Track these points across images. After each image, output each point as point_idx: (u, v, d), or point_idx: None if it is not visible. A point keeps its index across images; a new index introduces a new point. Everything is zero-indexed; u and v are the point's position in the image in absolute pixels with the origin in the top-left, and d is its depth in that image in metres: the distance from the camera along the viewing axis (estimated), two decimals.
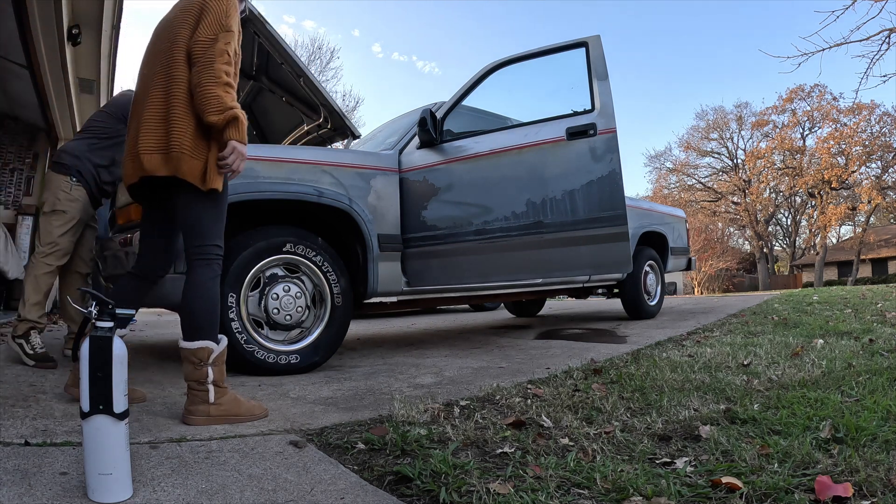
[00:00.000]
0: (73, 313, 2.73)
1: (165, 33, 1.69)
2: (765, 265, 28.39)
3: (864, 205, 25.93)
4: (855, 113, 24.09)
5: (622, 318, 4.86)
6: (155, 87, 1.63)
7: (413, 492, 1.12)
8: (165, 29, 1.71)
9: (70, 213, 2.55)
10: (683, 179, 30.41)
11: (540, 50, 3.05)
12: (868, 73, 7.14)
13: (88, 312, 1.15)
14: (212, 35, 1.61)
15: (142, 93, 1.68)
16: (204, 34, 1.61)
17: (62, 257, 2.55)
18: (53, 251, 2.51)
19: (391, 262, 2.93)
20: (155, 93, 1.63)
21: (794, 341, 2.88)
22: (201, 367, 1.59)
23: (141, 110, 1.65)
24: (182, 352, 1.60)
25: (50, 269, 2.52)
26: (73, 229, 2.58)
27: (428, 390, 2.09)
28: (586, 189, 2.82)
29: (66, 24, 4.37)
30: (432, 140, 3.02)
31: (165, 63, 1.64)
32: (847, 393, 1.72)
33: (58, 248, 2.52)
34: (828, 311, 4.55)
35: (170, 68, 1.62)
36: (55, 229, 2.52)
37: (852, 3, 6.64)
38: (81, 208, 2.60)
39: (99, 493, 1.04)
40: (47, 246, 2.51)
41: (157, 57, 1.68)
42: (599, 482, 1.11)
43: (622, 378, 2.10)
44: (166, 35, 1.68)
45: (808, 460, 1.18)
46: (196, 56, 1.60)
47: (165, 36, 1.69)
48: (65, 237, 2.54)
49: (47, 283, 2.52)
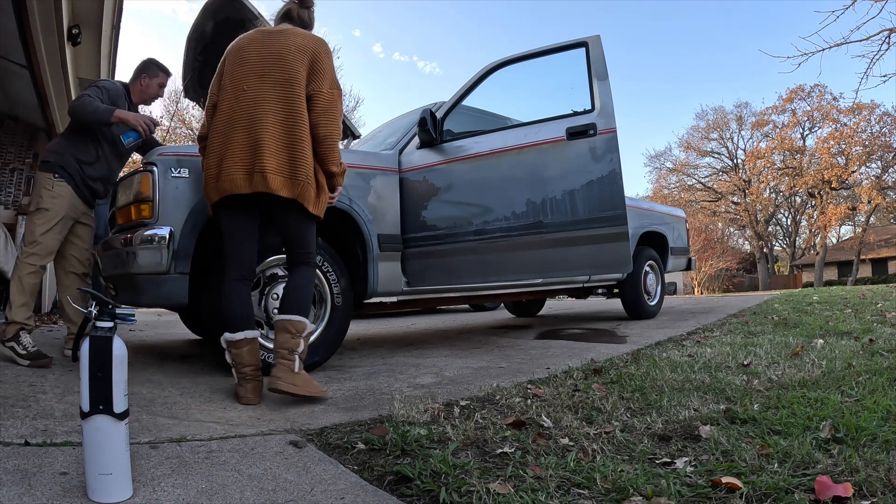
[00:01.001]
0: (72, 314, 2.73)
1: (279, 63, 1.94)
2: (765, 265, 28.38)
3: (864, 205, 25.93)
4: (855, 113, 24.11)
5: (622, 318, 4.86)
6: (272, 112, 1.90)
7: (413, 492, 1.12)
8: (278, 58, 1.95)
9: (53, 210, 2.52)
10: (683, 179, 30.42)
11: (540, 50, 3.05)
12: (868, 73, 7.14)
13: (88, 312, 1.15)
14: (332, 90, 1.98)
15: (251, 109, 1.90)
16: (326, 87, 1.97)
17: (45, 257, 2.52)
18: (35, 250, 2.49)
19: (391, 262, 2.93)
20: (273, 118, 1.89)
21: (794, 341, 2.88)
22: (296, 338, 1.92)
23: (255, 129, 1.88)
24: (281, 322, 1.93)
25: (33, 270, 2.49)
26: (58, 227, 2.55)
27: (428, 390, 2.09)
28: (586, 189, 2.81)
29: (66, 24, 4.37)
30: (432, 140, 3.02)
31: (284, 96, 1.91)
32: (847, 393, 1.72)
33: (40, 246, 2.50)
34: (828, 311, 4.55)
35: (291, 103, 1.91)
36: (37, 227, 2.50)
37: (852, 3, 6.64)
38: (66, 205, 2.56)
39: (99, 493, 1.04)
40: (30, 245, 2.49)
41: (268, 81, 1.92)
42: (599, 482, 1.11)
43: (622, 378, 2.10)
44: (280, 65, 1.94)
45: (808, 460, 1.18)
46: (321, 107, 1.95)
47: (279, 65, 1.94)
48: (47, 235, 2.51)
49: (31, 283, 2.49)
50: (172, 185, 2.29)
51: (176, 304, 2.36)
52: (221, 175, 1.91)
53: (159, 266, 2.23)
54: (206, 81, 3.62)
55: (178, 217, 2.28)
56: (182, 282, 2.28)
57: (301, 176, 1.91)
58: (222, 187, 1.91)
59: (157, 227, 2.25)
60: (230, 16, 3.00)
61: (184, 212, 2.29)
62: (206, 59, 3.43)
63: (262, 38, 2.01)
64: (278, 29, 2.05)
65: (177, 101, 17.73)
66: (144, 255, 2.23)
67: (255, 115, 1.90)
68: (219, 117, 1.98)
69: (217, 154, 1.94)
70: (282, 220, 2.00)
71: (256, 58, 1.97)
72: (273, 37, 2.01)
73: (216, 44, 3.29)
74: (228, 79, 1.99)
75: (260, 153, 1.87)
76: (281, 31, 2.03)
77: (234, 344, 1.94)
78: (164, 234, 2.23)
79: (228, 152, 1.91)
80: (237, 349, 1.93)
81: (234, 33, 3.12)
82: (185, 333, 4.13)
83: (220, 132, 1.95)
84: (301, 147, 1.91)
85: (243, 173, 1.88)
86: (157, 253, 2.23)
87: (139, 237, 2.23)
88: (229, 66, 2.01)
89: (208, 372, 2.49)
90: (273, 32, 2.03)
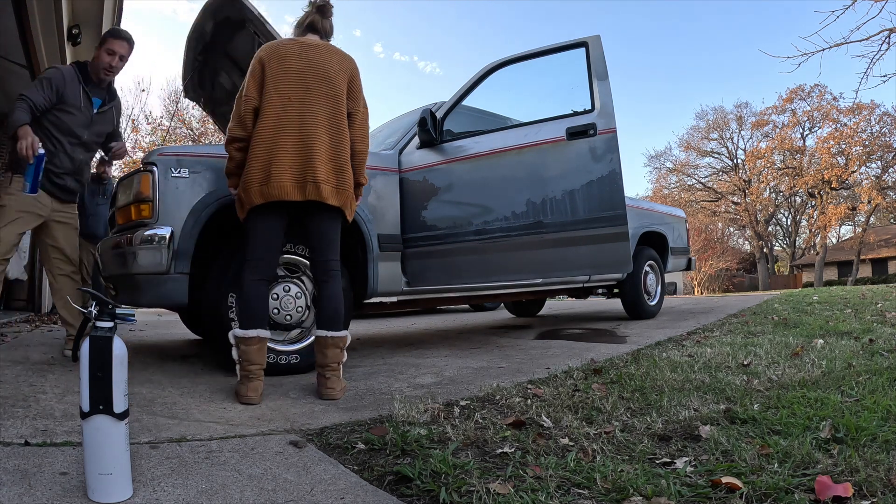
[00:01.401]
0: (68, 316, 2.71)
1: (325, 79, 2.05)
2: (765, 265, 28.38)
3: (864, 205, 25.93)
4: (855, 113, 24.10)
5: (622, 318, 4.86)
6: (321, 126, 2.02)
7: (413, 492, 1.12)
8: (324, 74, 2.05)
9: (9, 206, 2.49)
10: (683, 179, 30.41)
11: (540, 50, 3.05)
12: (868, 73, 7.12)
13: (88, 312, 1.15)
14: (364, 108, 2.18)
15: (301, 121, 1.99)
16: (361, 106, 2.16)
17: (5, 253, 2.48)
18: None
19: (391, 262, 2.93)
20: (323, 131, 2.02)
21: (794, 341, 2.88)
22: (343, 351, 2.10)
23: (307, 140, 1.98)
24: (332, 340, 2.05)
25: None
26: (17, 224, 2.51)
27: (428, 390, 2.09)
28: (586, 189, 2.81)
29: (66, 24, 4.37)
30: (432, 140, 3.02)
31: (332, 111, 2.05)
32: (847, 393, 1.72)
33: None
34: (828, 311, 4.55)
35: (337, 118, 2.06)
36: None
37: (852, 3, 6.64)
38: (24, 202, 2.51)
39: (99, 493, 1.04)
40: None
41: (315, 95, 2.02)
42: (599, 482, 1.11)
43: (622, 378, 2.10)
44: (327, 81, 2.05)
45: (808, 460, 1.18)
46: (358, 124, 2.13)
47: (326, 81, 2.05)
48: (4, 231, 2.47)
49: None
50: (172, 185, 2.29)
51: (176, 304, 2.36)
52: (271, 181, 1.95)
53: (159, 266, 2.23)
54: (206, 81, 3.63)
55: (179, 217, 2.29)
56: (182, 282, 2.29)
57: (346, 186, 2.07)
58: (271, 192, 1.96)
59: (158, 227, 2.25)
60: (230, 16, 2.99)
61: (184, 212, 2.30)
62: (206, 59, 3.43)
63: (303, 51, 2.06)
64: (316, 43, 2.12)
65: (177, 101, 17.76)
66: (144, 255, 2.23)
67: (305, 127, 1.99)
68: (264, 123, 2.00)
69: (263, 160, 1.97)
70: (317, 227, 2.09)
71: (301, 70, 2.03)
72: (314, 51, 2.07)
73: (216, 44, 3.29)
74: (272, 86, 2.00)
75: (312, 164, 1.98)
76: (320, 45, 2.11)
77: (245, 340, 1.96)
78: (164, 234, 2.24)
79: (277, 160, 1.96)
80: (247, 346, 1.95)
81: (234, 33, 3.16)
82: (185, 333, 4.13)
83: (267, 138, 1.98)
84: (345, 159, 2.07)
85: (293, 182, 1.96)
86: (157, 253, 2.23)
87: (139, 237, 2.23)
88: (272, 72, 2.02)
89: (208, 372, 2.49)
90: (312, 46, 2.09)
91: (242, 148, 2.05)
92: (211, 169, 2.38)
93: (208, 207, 2.34)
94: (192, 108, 17.51)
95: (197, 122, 17.68)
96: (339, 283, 2.13)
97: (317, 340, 2.10)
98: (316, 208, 2.05)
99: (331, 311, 2.08)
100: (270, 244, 2.05)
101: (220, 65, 3.48)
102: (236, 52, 3.35)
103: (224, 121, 4.03)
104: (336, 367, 2.06)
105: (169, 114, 18.07)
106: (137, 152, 16.67)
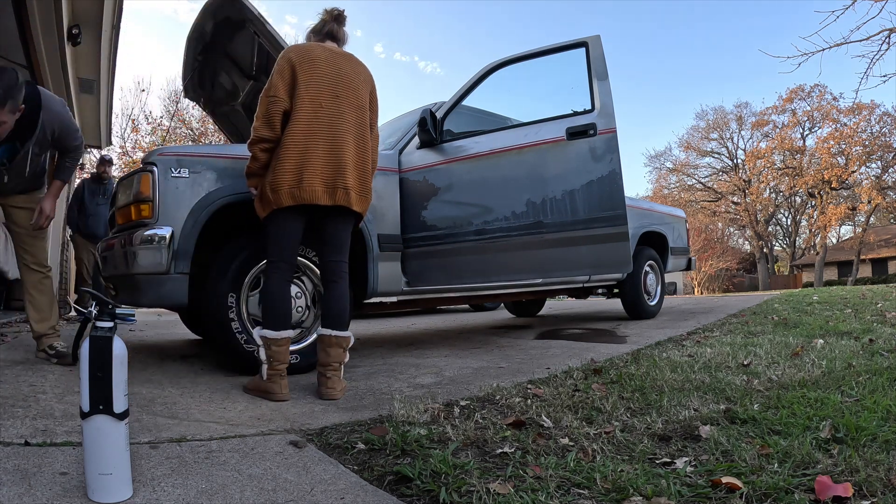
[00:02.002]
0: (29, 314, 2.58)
1: (353, 89, 2.13)
2: (765, 265, 28.38)
3: (864, 205, 25.92)
4: (855, 113, 24.08)
5: (622, 318, 4.86)
6: (351, 134, 2.09)
7: (413, 492, 1.12)
8: (352, 84, 2.13)
9: None
10: (683, 179, 30.40)
11: (540, 50, 3.05)
12: (868, 73, 7.13)
13: (88, 312, 1.15)
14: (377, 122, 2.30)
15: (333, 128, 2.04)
16: (377, 120, 2.29)
17: None
18: None
19: (391, 262, 2.93)
20: (352, 139, 2.09)
21: (794, 341, 2.88)
22: (346, 351, 2.12)
23: (339, 148, 2.04)
24: (336, 339, 2.08)
25: None
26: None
27: (428, 390, 2.09)
28: (586, 189, 2.81)
29: (66, 24, 4.37)
30: (432, 140, 3.02)
31: (359, 121, 2.13)
32: (847, 393, 1.72)
33: None
34: (828, 311, 4.55)
35: (363, 128, 2.15)
36: None
37: (852, 3, 6.64)
38: None
39: (99, 493, 1.04)
40: None
41: (344, 104, 2.09)
42: (599, 482, 1.11)
43: (622, 378, 2.10)
44: (355, 92, 2.13)
45: (808, 460, 1.18)
46: (375, 135, 2.26)
47: (354, 92, 2.13)
48: None
49: None
50: (172, 185, 2.29)
51: (176, 304, 2.36)
52: (303, 184, 1.99)
53: (159, 266, 2.23)
54: (206, 81, 3.63)
55: (179, 217, 2.29)
56: (182, 282, 2.29)
57: (369, 193, 2.18)
58: (302, 196, 1.99)
59: (158, 227, 2.25)
60: (230, 16, 2.99)
61: (184, 212, 2.29)
62: (206, 59, 3.43)
63: (332, 58, 2.10)
64: (342, 52, 2.18)
65: (177, 101, 17.76)
66: (144, 255, 2.23)
67: (336, 134, 2.05)
68: (294, 127, 2.00)
69: (295, 162, 1.99)
70: (335, 230, 2.15)
71: (332, 77, 2.07)
72: (341, 60, 2.13)
73: (216, 44, 3.29)
74: (304, 89, 2.01)
75: (343, 171, 2.04)
76: (346, 55, 2.18)
77: (276, 342, 1.99)
78: (164, 235, 2.24)
79: (310, 165, 2.00)
80: (278, 347, 1.99)
81: (234, 33, 3.16)
82: (185, 333, 4.13)
83: (299, 142, 2.00)
84: (368, 168, 2.17)
85: (324, 187, 2.01)
86: (158, 253, 2.23)
87: (139, 237, 2.23)
88: (303, 76, 2.01)
89: (208, 372, 2.49)
90: (339, 55, 2.15)
91: (268, 149, 2.04)
92: (211, 169, 2.38)
93: (208, 207, 2.34)
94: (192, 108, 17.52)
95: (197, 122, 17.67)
96: (347, 283, 2.17)
97: (320, 339, 2.10)
98: (338, 212, 2.11)
99: (338, 310, 2.12)
100: (293, 246, 2.09)
101: (220, 65, 3.48)
102: (236, 52, 3.35)
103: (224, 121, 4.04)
104: (337, 366, 2.08)
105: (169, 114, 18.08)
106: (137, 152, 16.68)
